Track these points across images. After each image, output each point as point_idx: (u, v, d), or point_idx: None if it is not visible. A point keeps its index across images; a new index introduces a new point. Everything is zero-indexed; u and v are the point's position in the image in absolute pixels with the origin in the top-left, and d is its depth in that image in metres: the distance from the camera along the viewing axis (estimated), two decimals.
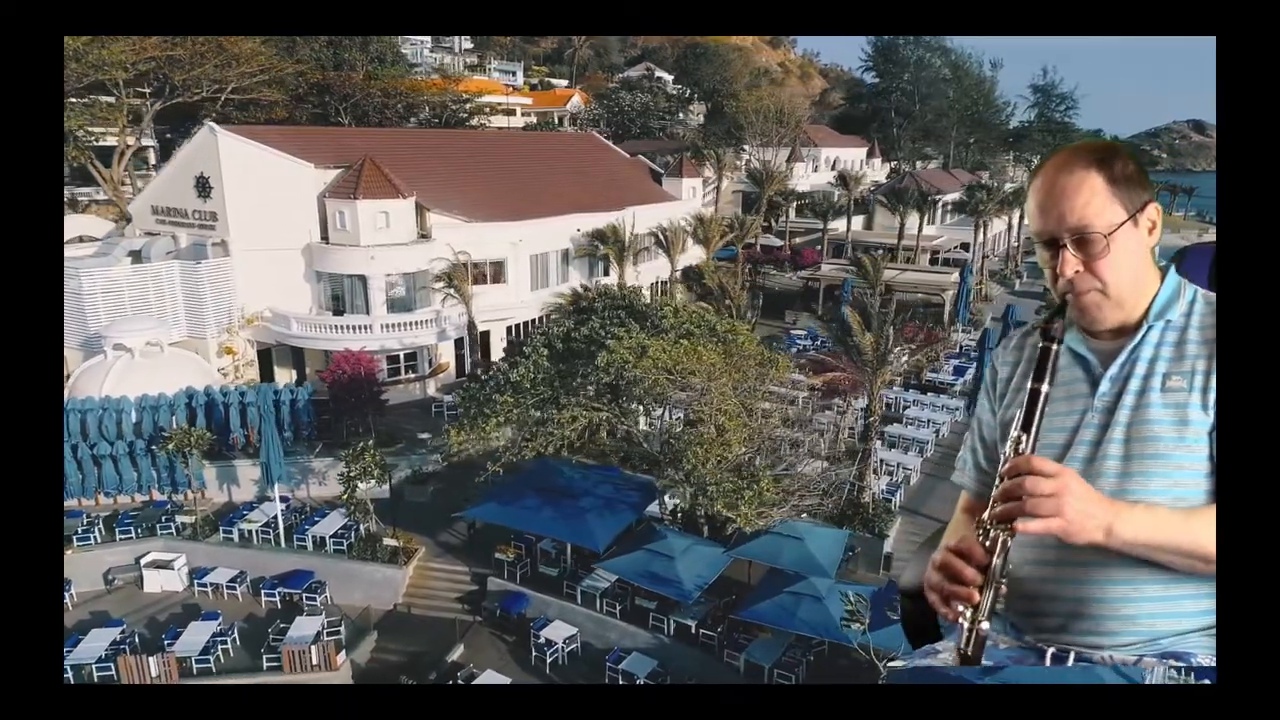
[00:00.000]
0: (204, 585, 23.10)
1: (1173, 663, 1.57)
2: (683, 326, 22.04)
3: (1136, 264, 1.67)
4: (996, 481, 1.52)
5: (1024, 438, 1.54)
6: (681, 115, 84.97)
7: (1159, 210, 1.68)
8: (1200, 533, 1.48)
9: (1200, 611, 1.60)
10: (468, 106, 66.58)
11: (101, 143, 40.70)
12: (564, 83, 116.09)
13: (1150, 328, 1.69)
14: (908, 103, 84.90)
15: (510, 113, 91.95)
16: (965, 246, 61.13)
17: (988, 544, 1.50)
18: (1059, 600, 1.69)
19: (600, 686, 14.79)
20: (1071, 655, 1.67)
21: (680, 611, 19.74)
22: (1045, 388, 1.58)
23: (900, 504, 24.40)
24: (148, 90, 41.75)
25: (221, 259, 31.15)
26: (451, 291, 31.29)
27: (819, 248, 54.15)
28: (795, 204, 56.68)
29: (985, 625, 1.47)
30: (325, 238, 32.15)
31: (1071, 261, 1.64)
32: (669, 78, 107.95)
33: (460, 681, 18.77)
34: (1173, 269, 1.76)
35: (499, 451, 22.00)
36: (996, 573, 1.49)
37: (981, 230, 52.49)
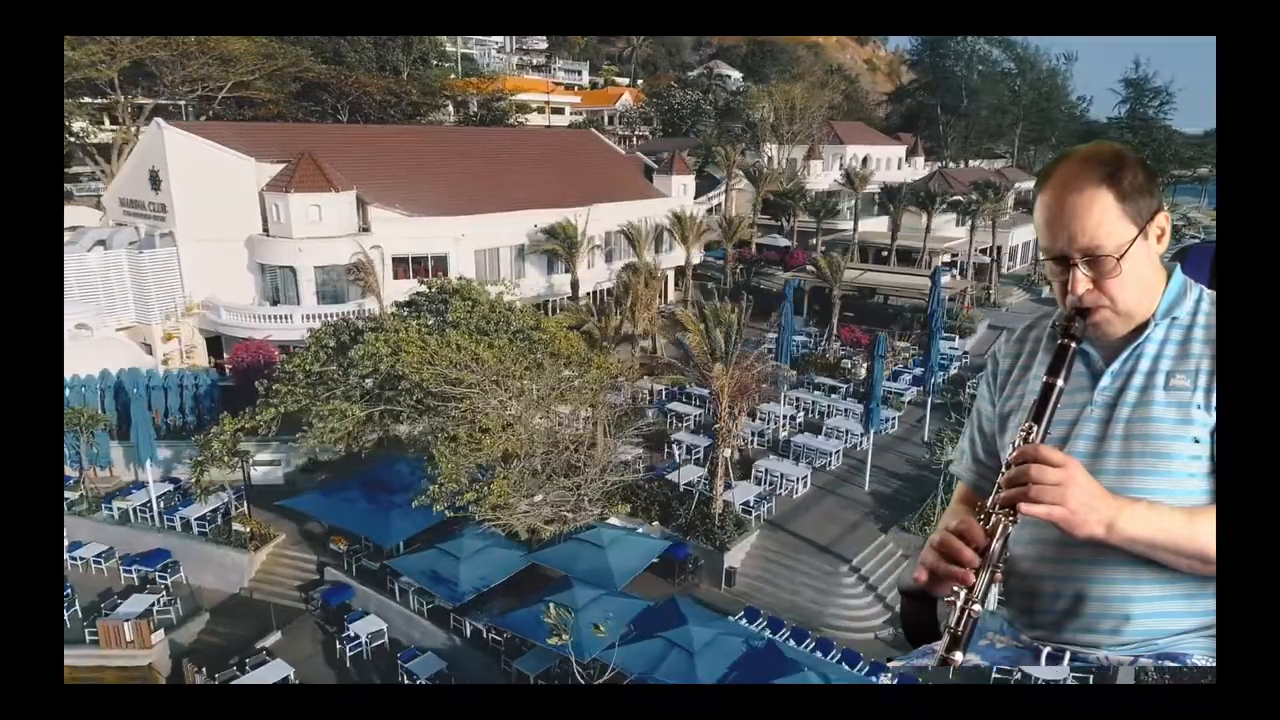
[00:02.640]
0: (75, 559, 24.13)
1: (1169, 663, 1.60)
2: (475, 322, 21.46)
3: (1145, 274, 1.68)
4: (1003, 469, 1.53)
5: (1034, 428, 1.56)
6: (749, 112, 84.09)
7: (1168, 217, 1.68)
8: (1202, 533, 1.49)
9: (1197, 613, 1.61)
10: (500, 105, 67.46)
11: (97, 139, 43.41)
12: (632, 81, 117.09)
13: (1156, 325, 1.70)
14: (954, 99, 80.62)
15: (559, 111, 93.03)
16: (993, 250, 57.69)
17: (988, 528, 1.50)
18: (1058, 599, 1.71)
19: (603, 686, 14.53)
20: (1068, 655, 1.69)
21: (475, 614, 19.32)
22: (1060, 383, 1.60)
23: (766, 517, 23.05)
24: (191, 90, 44.02)
25: (165, 249, 32.58)
26: (360, 284, 31.69)
27: (811, 247, 52.08)
28: (800, 203, 54.54)
29: (978, 608, 1.47)
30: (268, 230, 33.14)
31: (1082, 281, 1.65)
32: (736, 75, 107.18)
33: (248, 667, 18.89)
34: (1179, 268, 1.76)
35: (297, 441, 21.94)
36: (995, 556, 1.49)
37: (990, 232, 49.26)
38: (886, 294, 44.85)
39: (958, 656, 1.44)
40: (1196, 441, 1.61)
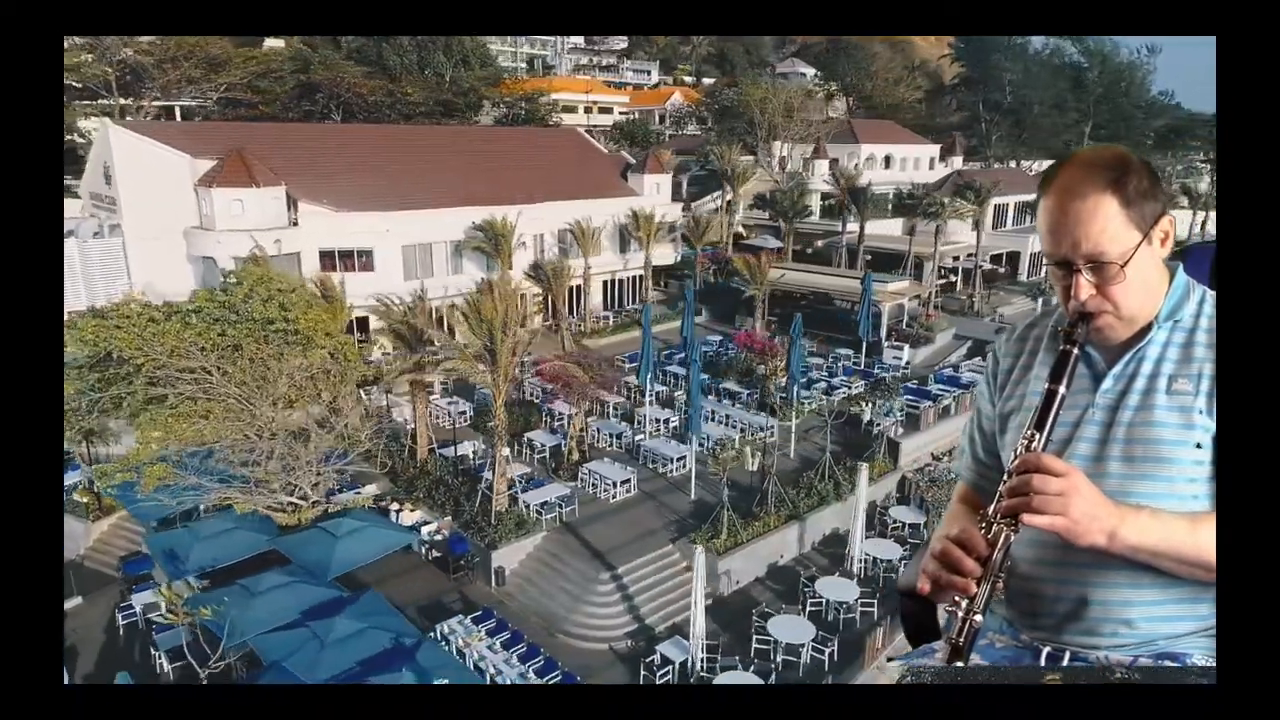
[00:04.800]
0: None
1: (1169, 663, 1.63)
2: (213, 310, 21.95)
3: (1149, 278, 1.71)
4: (1005, 477, 1.56)
5: (1036, 436, 1.58)
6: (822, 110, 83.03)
7: (1172, 222, 1.71)
8: (1204, 541, 1.51)
9: (1197, 615, 1.65)
10: (529, 106, 68.92)
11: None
12: (696, 80, 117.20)
13: (1158, 328, 1.73)
14: (998, 95, 75.60)
15: (607, 110, 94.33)
16: (1008, 258, 54.21)
17: (989, 537, 1.53)
18: (1059, 601, 1.74)
19: (594, 686, 15.51)
20: (1067, 655, 1.72)
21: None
22: (1062, 390, 1.62)
23: (565, 519, 22.81)
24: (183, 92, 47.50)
25: (113, 239, 35.13)
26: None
27: (781, 251, 50.43)
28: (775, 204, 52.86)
29: (979, 618, 1.50)
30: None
31: (1085, 287, 1.67)
32: (810, 72, 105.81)
33: None
34: (1181, 268, 1.78)
35: None
36: (996, 566, 1.51)
37: (977, 235, 46.15)
38: (852, 300, 42.99)
39: (958, 666, 1.45)
40: (1199, 446, 1.61)
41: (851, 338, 40.33)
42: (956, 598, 1.50)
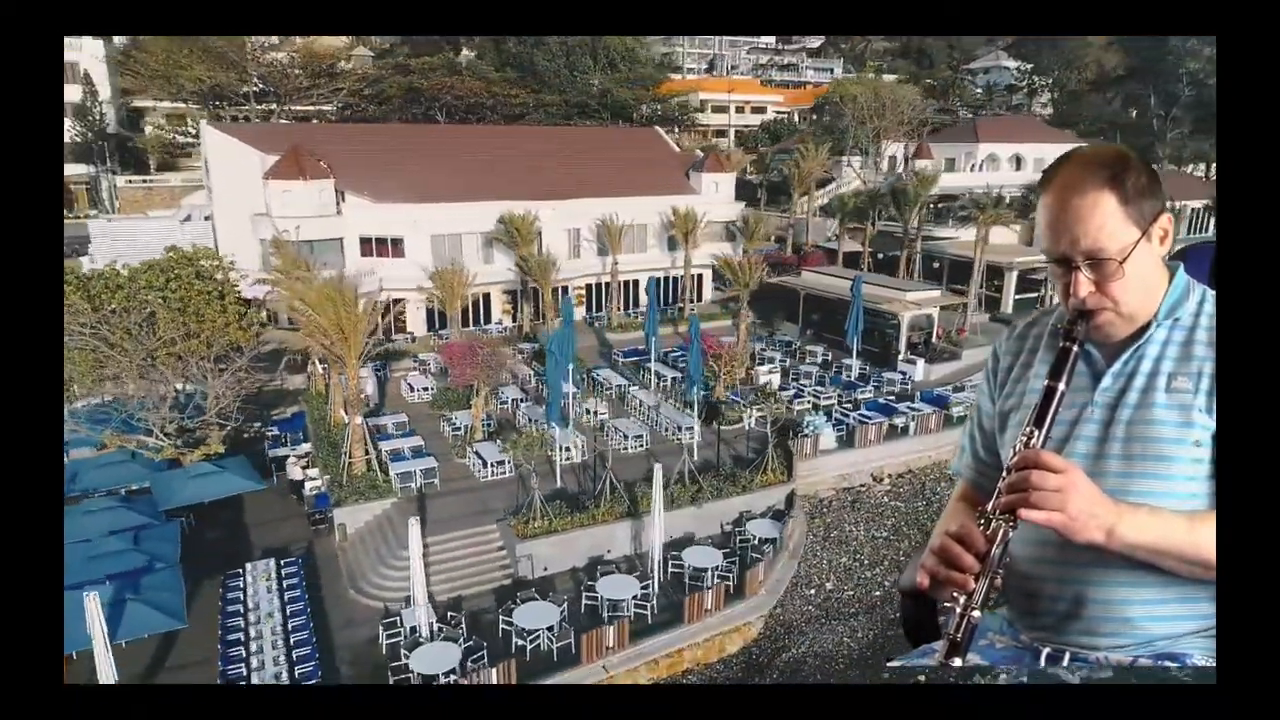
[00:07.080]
0: None
1: (1169, 663, 1.64)
2: (112, 279, 25.48)
3: (1148, 276, 1.72)
4: (1004, 473, 1.56)
5: (1035, 433, 1.59)
6: (1022, 103, 79.57)
7: (1171, 220, 1.71)
8: (1203, 539, 1.51)
9: (1197, 615, 1.65)
10: (663, 106, 71.10)
11: None
12: (877, 74, 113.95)
13: (1157, 326, 1.73)
14: (1173, 86, 64.91)
15: (760, 110, 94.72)
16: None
17: (988, 533, 1.52)
18: (1058, 601, 1.74)
19: (592, 686, 14.20)
20: (1067, 655, 1.73)
21: None
22: (1062, 387, 1.62)
23: (420, 490, 24.84)
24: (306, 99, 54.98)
25: (198, 221, 41.75)
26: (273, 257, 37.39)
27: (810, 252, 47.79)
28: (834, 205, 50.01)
29: (977, 614, 1.49)
30: None
31: (1085, 284, 1.68)
32: (1012, 66, 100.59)
33: None
34: (1182, 268, 1.79)
35: None
36: (994, 562, 1.51)
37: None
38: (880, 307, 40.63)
39: (956, 662, 1.45)
40: (1198, 444, 1.62)
41: (871, 348, 38.45)
42: (955, 593, 1.50)
